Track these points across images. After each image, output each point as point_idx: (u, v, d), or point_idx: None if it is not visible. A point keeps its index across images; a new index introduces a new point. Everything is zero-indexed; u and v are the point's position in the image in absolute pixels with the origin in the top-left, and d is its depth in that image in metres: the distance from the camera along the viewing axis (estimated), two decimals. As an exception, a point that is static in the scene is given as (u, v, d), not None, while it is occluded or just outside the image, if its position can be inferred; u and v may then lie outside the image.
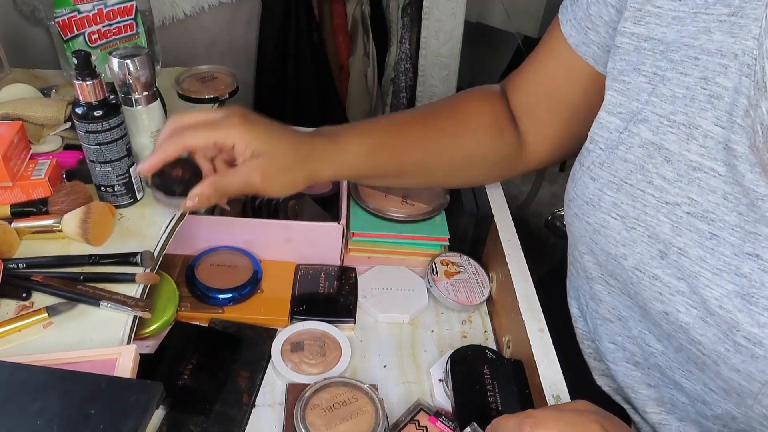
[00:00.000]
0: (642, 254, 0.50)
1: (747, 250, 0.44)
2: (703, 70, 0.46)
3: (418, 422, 0.56)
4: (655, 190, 0.49)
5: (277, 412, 0.58)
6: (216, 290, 0.67)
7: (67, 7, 0.80)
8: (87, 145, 0.60)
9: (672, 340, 0.52)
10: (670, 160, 0.48)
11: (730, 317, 0.44)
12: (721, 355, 0.46)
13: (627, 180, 0.51)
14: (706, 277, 0.46)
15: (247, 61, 1.35)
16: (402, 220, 0.78)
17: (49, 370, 0.46)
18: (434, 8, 1.46)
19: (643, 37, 0.51)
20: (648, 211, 0.50)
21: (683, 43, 0.47)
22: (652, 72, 0.50)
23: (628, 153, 0.51)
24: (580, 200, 0.55)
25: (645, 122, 0.50)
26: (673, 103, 0.48)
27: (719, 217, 0.45)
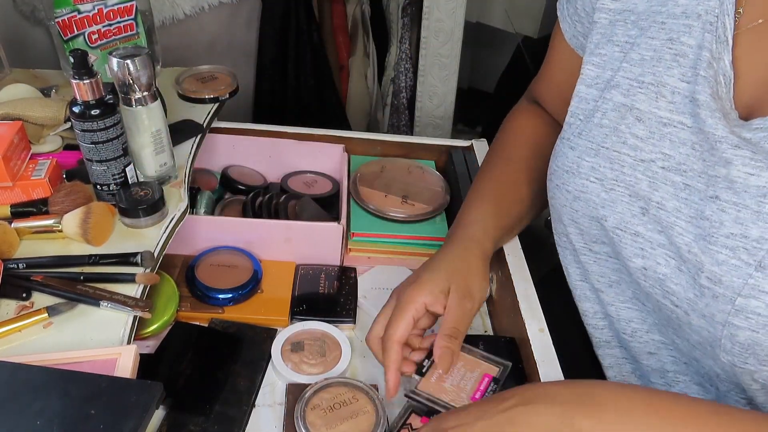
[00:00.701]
0: (623, 213, 0.52)
1: (709, 193, 0.47)
2: (669, 32, 0.50)
3: (411, 426, 0.55)
4: (630, 150, 0.52)
5: (277, 412, 0.58)
6: (216, 290, 0.67)
7: (67, 7, 0.80)
8: (83, 143, 0.61)
9: (650, 300, 0.54)
10: (641, 119, 0.51)
11: (697, 260, 0.47)
12: (690, 301, 0.48)
13: (603, 144, 0.53)
14: (680, 225, 0.48)
15: (247, 61, 1.34)
16: (402, 220, 0.78)
17: (49, 370, 0.46)
18: (434, 8, 1.46)
19: (618, 11, 0.54)
20: (625, 171, 0.52)
21: (652, 11, 0.51)
22: (623, 41, 0.53)
23: (603, 119, 0.54)
24: (560, 171, 0.57)
25: (617, 87, 0.53)
26: (642, 65, 0.51)
27: (689, 167, 0.48)
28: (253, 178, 0.89)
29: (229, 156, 0.90)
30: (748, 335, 0.44)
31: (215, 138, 0.88)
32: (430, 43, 1.51)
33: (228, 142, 0.89)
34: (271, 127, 0.90)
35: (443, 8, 1.45)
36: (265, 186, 0.88)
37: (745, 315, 0.44)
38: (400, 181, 0.83)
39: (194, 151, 0.76)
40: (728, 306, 0.45)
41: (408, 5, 1.53)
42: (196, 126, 0.80)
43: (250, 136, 0.89)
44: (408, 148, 0.91)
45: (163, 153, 0.67)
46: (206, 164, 0.89)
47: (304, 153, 0.89)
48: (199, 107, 0.84)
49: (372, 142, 0.90)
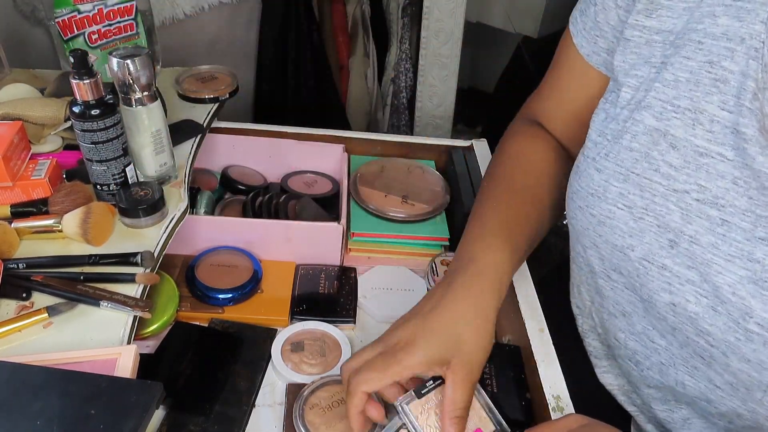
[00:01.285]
0: (650, 244, 0.50)
1: (759, 234, 0.43)
2: (708, 54, 0.46)
3: None
4: (662, 178, 0.48)
5: (277, 412, 0.58)
6: (216, 290, 0.67)
7: (67, 7, 0.80)
8: (83, 143, 0.61)
9: (677, 335, 0.51)
10: (675, 146, 0.47)
11: (743, 304, 0.44)
12: (731, 345, 0.46)
13: (633, 169, 0.50)
14: (718, 264, 0.45)
15: (247, 61, 1.34)
16: (402, 220, 0.78)
17: (49, 370, 0.46)
18: (434, 8, 1.46)
19: (655, 30, 0.50)
20: (656, 200, 0.49)
21: (688, 28, 0.47)
22: (660, 62, 0.49)
23: (633, 142, 0.50)
24: (584, 192, 0.54)
25: (648, 108, 0.49)
26: (677, 87, 0.47)
27: (729, 202, 0.45)
28: (253, 178, 0.89)
29: (229, 156, 0.90)
30: None
31: (215, 138, 0.88)
32: (430, 43, 1.51)
33: (228, 142, 0.89)
34: (271, 127, 0.90)
35: (443, 8, 1.45)
36: (265, 186, 0.88)
37: None
38: (400, 181, 0.83)
39: (194, 151, 0.76)
40: None
41: (408, 5, 1.53)
42: (196, 126, 0.80)
43: (251, 136, 0.89)
44: (408, 148, 0.91)
45: (163, 153, 0.67)
46: (206, 164, 0.89)
47: (304, 153, 0.89)
48: (199, 107, 0.84)
49: (372, 142, 0.90)
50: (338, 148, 0.89)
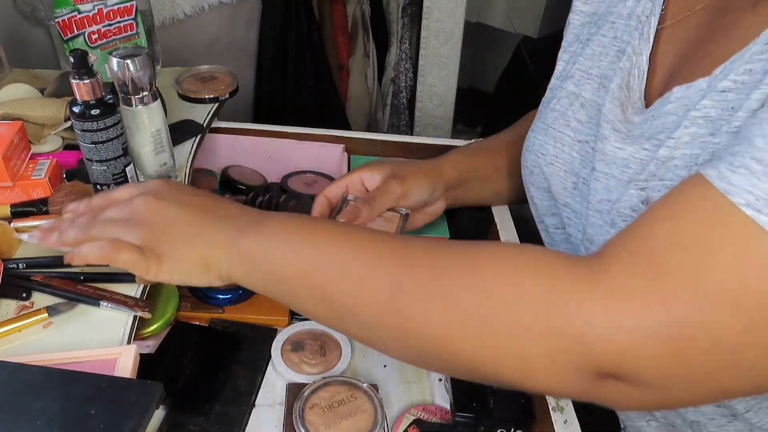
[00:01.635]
0: (557, 186, 0.60)
1: (591, 165, 0.55)
2: (615, 30, 0.57)
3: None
4: (571, 131, 0.59)
5: (277, 412, 0.58)
6: (216, 290, 0.67)
7: (67, 7, 0.80)
8: (83, 143, 0.61)
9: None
10: (584, 105, 0.58)
11: (583, 224, 0.56)
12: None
13: (552, 125, 0.61)
14: (592, 198, 0.55)
15: (247, 61, 1.35)
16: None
17: (49, 370, 0.46)
18: (434, 8, 1.46)
19: (587, 13, 0.62)
20: (564, 149, 0.59)
21: (608, 11, 0.59)
22: (585, 38, 0.61)
23: (556, 104, 0.61)
24: (524, 150, 0.65)
25: (571, 78, 0.60)
26: (592, 59, 0.58)
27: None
28: (253, 178, 0.89)
29: (230, 156, 0.90)
30: None
31: (215, 138, 0.88)
32: (430, 43, 1.51)
33: (228, 142, 0.89)
34: (271, 127, 0.90)
35: (443, 8, 1.46)
36: (265, 186, 0.88)
37: None
38: (400, 181, 0.83)
39: (194, 151, 0.76)
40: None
41: (408, 5, 1.53)
42: (196, 126, 0.80)
43: (251, 136, 0.89)
44: (408, 148, 0.91)
45: (163, 153, 0.67)
46: (206, 164, 0.89)
47: (304, 153, 0.89)
48: (199, 107, 0.84)
49: (372, 142, 0.90)
50: (338, 148, 0.89)
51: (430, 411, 0.58)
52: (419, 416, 0.58)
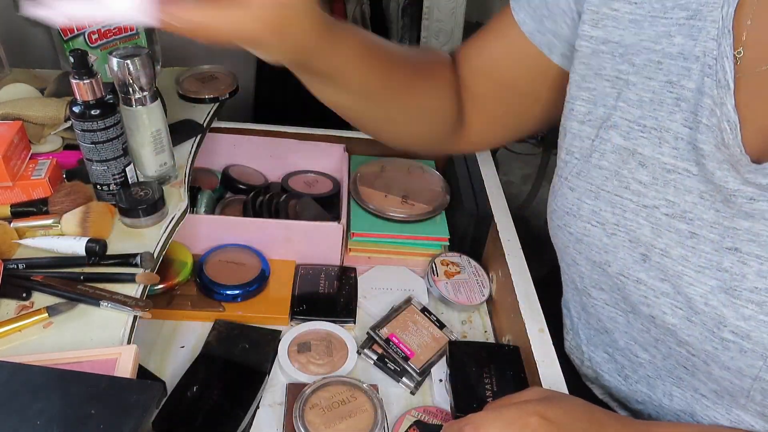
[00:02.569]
0: (625, 259, 0.51)
1: (726, 245, 0.45)
2: (668, 73, 0.47)
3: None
4: (632, 195, 0.50)
5: (277, 412, 0.58)
6: (223, 285, 0.67)
7: (67, 7, 0.80)
8: (83, 143, 0.61)
9: (660, 346, 0.52)
10: (644, 164, 0.49)
11: (716, 313, 0.45)
12: (710, 354, 0.47)
13: (603, 187, 0.51)
14: (689, 275, 0.47)
15: (247, 61, 1.34)
16: (402, 220, 0.78)
17: (49, 370, 0.46)
18: (434, 8, 1.46)
19: (601, 40, 0.50)
20: (627, 216, 0.50)
21: (644, 46, 0.48)
22: (614, 76, 0.50)
23: (602, 160, 0.51)
24: (560, 211, 0.56)
25: (615, 128, 0.50)
26: (641, 107, 0.48)
27: (697, 215, 0.46)
28: (254, 177, 0.89)
29: (230, 155, 0.90)
30: None
31: (216, 137, 0.88)
32: (430, 43, 1.51)
33: (229, 141, 0.89)
34: (271, 126, 0.90)
35: (443, 8, 1.46)
36: (266, 185, 0.88)
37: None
38: (400, 181, 0.83)
39: (194, 151, 0.76)
40: (759, 362, 0.44)
41: (408, 5, 1.53)
42: (196, 126, 0.80)
43: (252, 136, 0.89)
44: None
45: (163, 153, 0.67)
46: (207, 164, 0.89)
47: (305, 153, 0.89)
48: (199, 107, 0.84)
49: (372, 141, 0.90)
50: (339, 147, 0.89)
51: (431, 412, 0.58)
52: (420, 417, 0.58)
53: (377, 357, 0.63)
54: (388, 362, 0.63)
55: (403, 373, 0.62)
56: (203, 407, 0.56)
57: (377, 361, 0.63)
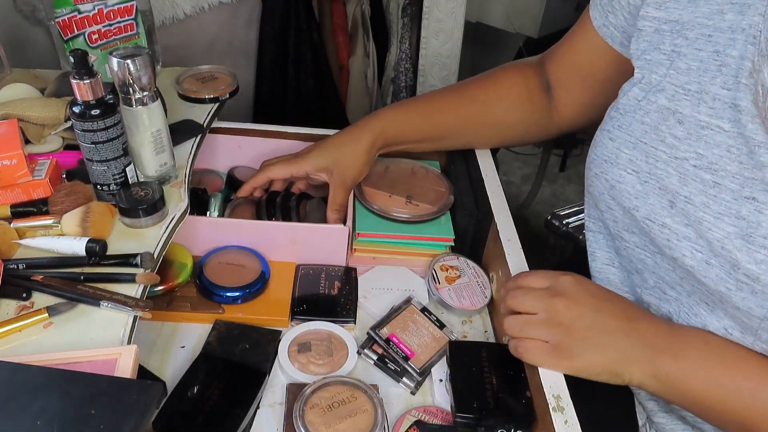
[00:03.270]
0: (653, 205, 0.56)
1: (745, 194, 0.49)
2: (715, 44, 0.53)
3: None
4: (666, 147, 0.55)
5: (278, 412, 0.58)
6: (223, 287, 0.67)
7: (67, 7, 0.80)
8: (83, 143, 0.61)
9: (684, 284, 0.57)
10: (682, 122, 0.54)
11: (731, 257, 0.49)
12: (723, 294, 0.51)
13: (642, 139, 0.57)
14: (708, 221, 0.51)
15: (247, 61, 1.34)
16: (406, 220, 0.78)
17: (49, 370, 0.46)
18: (434, 8, 1.46)
19: (663, 20, 0.57)
20: (659, 166, 0.55)
21: (698, 23, 0.54)
22: (670, 50, 0.56)
23: (645, 117, 0.57)
24: (599, 159, 0.61)
25: (663, 92, 0.56)
26: (688, 74, 0.54)
27: (722, 167, 0.51)
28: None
29: (234, 156, 0.90)
30: None
31: (219, 138, 0.88)
32: (430, 43, 1.51)
33: (233, 142, 0.89)
34: (271, 127, 0.90)
35: (443, 8, 1.46)
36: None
37: None
38: (404, 181, 0.83)
39: (194, 151, 0.76)
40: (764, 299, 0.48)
41: (408, 5, 1.53)
42: (196, 126, 0.80)
43: (256, 137, 0.89)
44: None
45: (163, 153, 0.67)
46: (208, 164, 0.89)
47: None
48: (199, 107, 0.84)
49: (372, 142, 0.90)
50: (338, 148, 0.88)
51: (431, 412, 0.58)
52: (420, 417, 0.58)
53: (377, 357, 0.63)
54: (388, 362, 0.63)
55: (404, 373, 0.62)
56: (203, 407, 0.56)
57: (377, 361, 0.63)
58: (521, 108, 0.79)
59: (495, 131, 0.82)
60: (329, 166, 0.74)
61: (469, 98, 0.79)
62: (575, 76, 0.75)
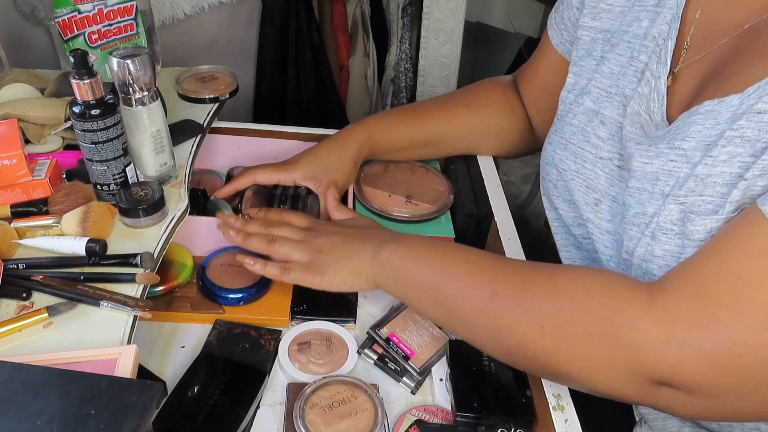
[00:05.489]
0: (578, 201, 0.61)
1: (623, 183, 0.56)
2: (632, 50, 0.58)
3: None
4: (591, 148, 0.60)
5: (278, 412, 0.58)
6: (227, 290, 0.67)
7: (67, 7, 0.80)
8: (83, 143, 0.61)
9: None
10: (604, 122, 0.60)
11: (620, 239, 0.55)
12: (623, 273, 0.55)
13: (570, 140, 0.63)
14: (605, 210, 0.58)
15: (247, 61, 1.34)
16: (406, 220, 0.78)
17: (49, 370, 0.46)
18: (434, 8, 1.46)
19: (598, 29, 0.63)
20: (586, 165, 0.61)
21: (622, 30, 0.60)
22: (599, 56, 0.62)
23: (573, 119, 0.63)
24: (543, 163, 0.67)
25: (588, 94, 0.62)
26: (610, 78, 0.60)
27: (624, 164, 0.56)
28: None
29: (234, 157, 0.90)
30: None
31: (218, 138, 0.88)
32: (430, 43, 1.51)
33: (232, 143, 0.89)
34: (271, 127, 0.90)
35: (443, 8, 1.46)
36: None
37: (648, 278, 0.52)
38: (404, 181, 0.83)
39: (194, 151, 0.76)
40: (639, 272, 0.53)
41: (408, 5, 1.53)
42: (196, 126, 0.80)
43: (256, 137, 0.89)
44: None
45: (163, 153, 0.67)
46: (208, 164, 0.89)
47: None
48: (199, 107, 0.84)
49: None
50: (338, 147, 0.88)
51: (431, 411, 0.58)
52: (420, 417, 0.58)
53: (377, 356, 0.63)
54: (388, 362, 0.63)
55: (404, 373, 0.62)
56: (204, 407, 0.56)
57: (377, 360, 0.63)
58: (503, 115, 0.81)
59: (482, 137, 0.83)
60: (317, 175, 0.75)
61: (453, 104, 0.81)
62: (543, 95, 0.77)
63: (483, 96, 0.82)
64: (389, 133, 0.79)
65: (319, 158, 0.76)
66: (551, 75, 0.74)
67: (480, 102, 0.82)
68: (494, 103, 0.81)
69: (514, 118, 0.82)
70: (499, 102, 0.81)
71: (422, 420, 0.57)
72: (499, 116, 0.81)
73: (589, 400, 0.54)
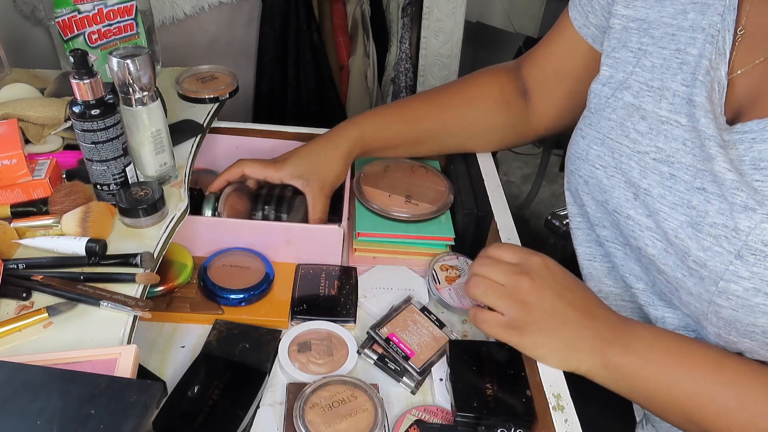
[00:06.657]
0: (619, 198, 0.59)
1: (696, 185, 0.52)
2: (677, 43, 0.56)
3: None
4: (630, 142, 0.58)
5: (278, 412, 0.58)
6: (227, 290, 0.67)
7: (67, 7, 0.80)
8: (83, 143, 0.61)
9: (648, 275, 0.60)
10: (644, 117, 0.58)
11: (683, 245, 0.52)
12: (679, 281, 0.54)
13: (608, 135, 0.60)
14: (664, 211, 0.54)
15: (247, 61, 1.35)
16: (406, 219, 0.78)
17: (49, 370, 0.46)
18: (434, 8, 1.46)
19: (631, 18, 0.61)
20: (623, 160, 0.59)
21: (663, 22, 0.58)
22: (636, 47, 0.60)
23: (612, 114, 0.60)
24: (573, 157, 0.65)
25: (629, 89, 0.60)
26: (652, 72, 0.58)
27: (678, 160, 0.54)
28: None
29: (233, 156, 0.90)
30: (730, 313, 0.50)
31: (218, 138, 0.88)
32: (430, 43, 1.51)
33: (231, 142, 0.89)
34: (271, 126, 0.90)
35: (443, 8, 1.46)
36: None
37: (727, 296, 0.49)
38: (404, 180, 0.83)
39: (194, 151, 0.76)
40: (713, 287, 0.50)
41: (408, 5, 1.53)
42: (196, 126, 0.80)
43: (254, 137, 0.89)
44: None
45: (163, 153, 0.67)
46: (209, 165, 0.89)
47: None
48: (199, 107, 0.84)
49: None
50: (338, 147, 0.88)
51: (431, 411, 0.58)
52: (420, 417, 0.58)
53: (377, 356, 0.63)
54: (388, 362, 0.63)
55: (404, 373, 0.62)
56: (203, 407, 0.56)
57: (377, 360, 0.63)
58: (497, 112, 0.80)
59: (473, 135, 0.82)
60: (306, 174, 0.73)
61: (444, 103, 0.80)
62: (554, 77, 0.76)
63: (478, 92, 0.81)
64: (381, 133, 0.79)
65: (309, 157, 0.75)
66: (566, 57, 0.73)
67: (474, 100, 0.80)
68: (488, 100, 0.80)
69: (507, 114, 0.80)
70: (493, 98, 0.80)
71: (422, 420, 0.57)
72: (492, 114, 0.80)
73: (589, 400, 0.54)
